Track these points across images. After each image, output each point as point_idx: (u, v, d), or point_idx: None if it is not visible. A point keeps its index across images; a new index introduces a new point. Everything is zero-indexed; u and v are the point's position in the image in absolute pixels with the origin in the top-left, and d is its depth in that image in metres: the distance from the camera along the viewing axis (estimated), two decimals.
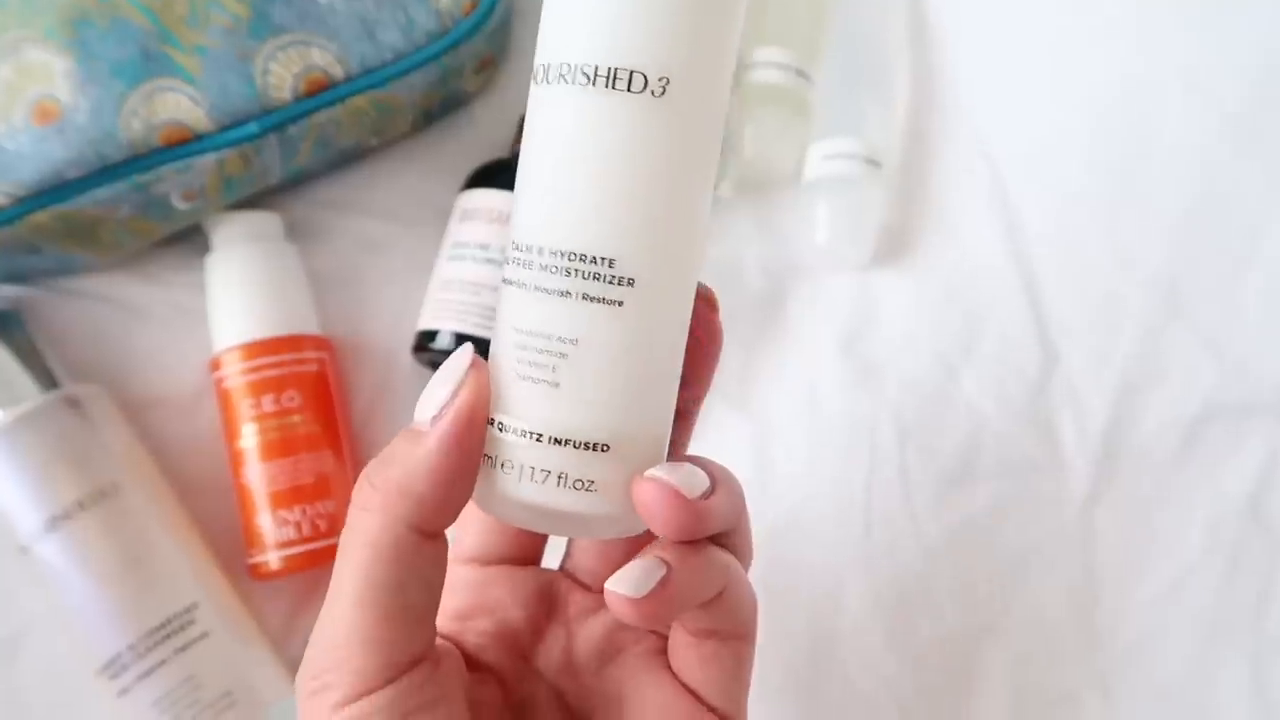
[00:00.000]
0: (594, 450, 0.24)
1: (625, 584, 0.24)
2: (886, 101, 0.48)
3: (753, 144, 0.46)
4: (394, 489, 0.23)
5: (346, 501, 0.42)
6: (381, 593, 0.23)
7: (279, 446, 0.42)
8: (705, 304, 0.26)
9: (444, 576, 0.25)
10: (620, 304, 0.24)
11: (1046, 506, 0.45)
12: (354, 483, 0.43)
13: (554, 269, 0.23)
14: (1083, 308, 0.46)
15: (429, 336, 0.43)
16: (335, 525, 0.42)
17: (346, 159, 0.46)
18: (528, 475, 0.24)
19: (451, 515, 0.24)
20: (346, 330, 0.46)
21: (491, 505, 0.25)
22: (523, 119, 0.46)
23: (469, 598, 0.29)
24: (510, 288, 0.24)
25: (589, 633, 0.30)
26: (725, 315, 0.27)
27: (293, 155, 0.43)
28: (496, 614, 0.29)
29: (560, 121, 0.23)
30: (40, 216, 0.40)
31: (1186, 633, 0.44)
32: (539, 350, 0.24)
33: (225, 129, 0.40)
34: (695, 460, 0.25)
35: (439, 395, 0.24)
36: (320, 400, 0.43)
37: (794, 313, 0.47)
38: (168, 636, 0.39)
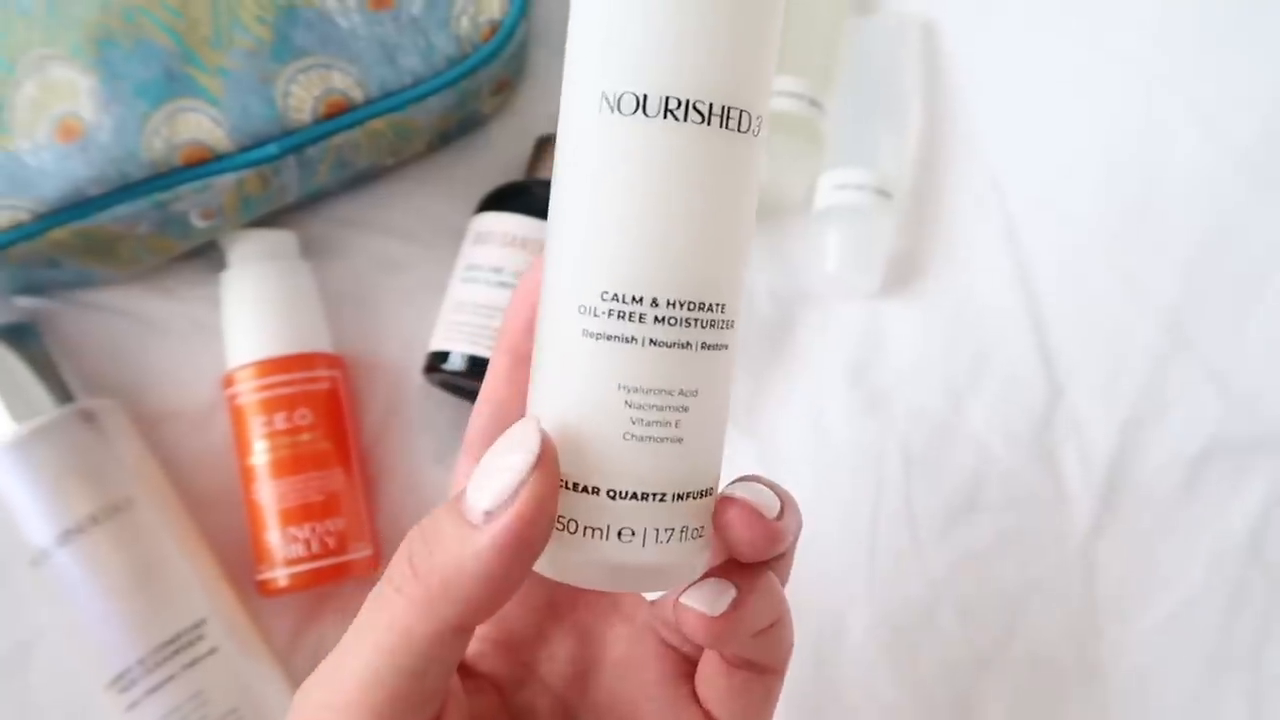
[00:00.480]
0: (706, 496, 0.23)
1: (701, 601, 0.23)
2: (898, 132, 0.48)
3: (764, 171, 0.46)
4: (437, 584, 0.21)
5: (356, 519, 0.43)
6: (400, 678, 0.22)
7: (290, 464, 0.42)
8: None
9: (460, 659, 0.24)
10: (726, 347, 0.23)
11: (1049, 539, 0.45)
12: (364, 501, 0.44)
13: (672, 320, 0.22)
14: (1089, 341, 0.47)
15: (441, 358, 0.43)
16: (344, 543, 0.42)
17: (363, 179, 0.47)
18: (650, 537, 0.22)
19: (496, 610, 0.22)
20: (359, 348, 0.46)
21: (577, 574, 0.23)
22: (540, 142, 0.47)
23: None
24: (605, 343, 0.22)
25: (604, 645, 0.29)
26: None
27: (311, 176, 0.43)
28: (499, 620, 0.28)
29: (667, 161, 0.22)
30: (60, 232, 0.40)
31: (1187, 667, 0.44)
32: (660, 408, 0.22)
33: (245, 150, 0.41)
34: (759, 480, 0.25)
35: (498, 485, 0.21)
36: (331, 418, 0.43)
37: (803, 340, 0.47)
38: (177, 652, 0.39)
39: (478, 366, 0.43)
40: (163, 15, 0.40)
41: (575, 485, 0.22)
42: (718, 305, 0.22)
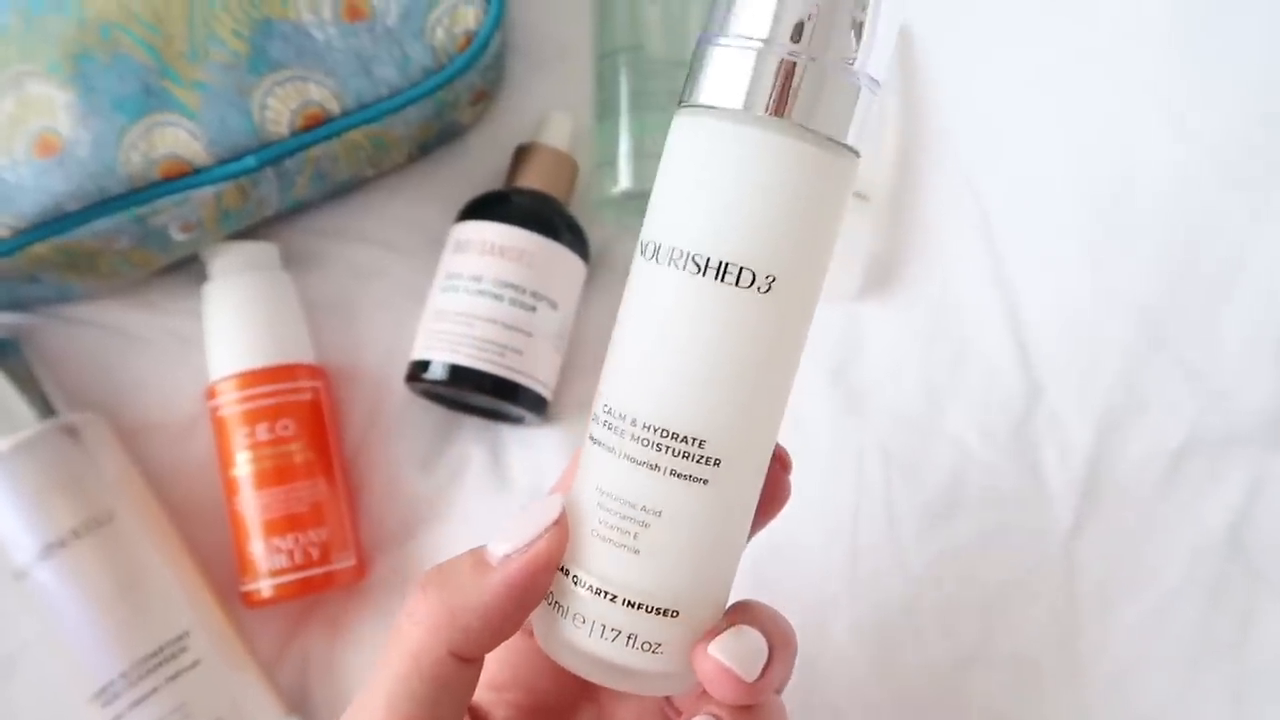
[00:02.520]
0: (665, 615, 0.25)
1: None
2: (875, 136, 0.49)
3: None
4: (445, 612, 0.24)
5: (339, 529, 0.43)
6: (413, 705, 0.24)
7: (272, 475, 0.42)
8: (779, 464, 0.27)
9: (473, 692, 0.26)
10: (705, 482, 0.24)
11: (1029, 537, 0.45)
12: (347, 510, 0.44)
13: (645, 441, 0.24)
14: (1066, 340, 0.47)
15: (422, 366, 0.44)
16: (327, 553, 0.43)
17: (343, 190, 0.47)
18: (597, 631, 0.25)
19: (493, 646, 0.25)
20: (340, 358, 0.47)
21: (553, 648, 0.26)
22: (519, 151, 0.47)
23: (506, 669, 0.30)
24: (597, 447, 0.25)
25: (618, 713, 0.30)
26: None
27: (289, 188, 0.43)
28: (532, 688, 0.30)
29: (664, 301, 0.24)
30: (40, 248, 0.40)
31: (1168, 663, 0.44)
32: (621, 515, 0.25)
33: (223, 163, 0.41)
34: (754, 615, 0.26)
35: (517, 535, 0.25)
36: (314, 429, 0.44)
37: None
38: (160, 664, 0.39)
39: (459, 374, 0.43)
40: (139, 30, 0.40)
41: (563, 569, 0.26)
42: (694, 440, 0.24)
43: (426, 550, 0.46)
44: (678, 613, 0.25)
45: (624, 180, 0.46)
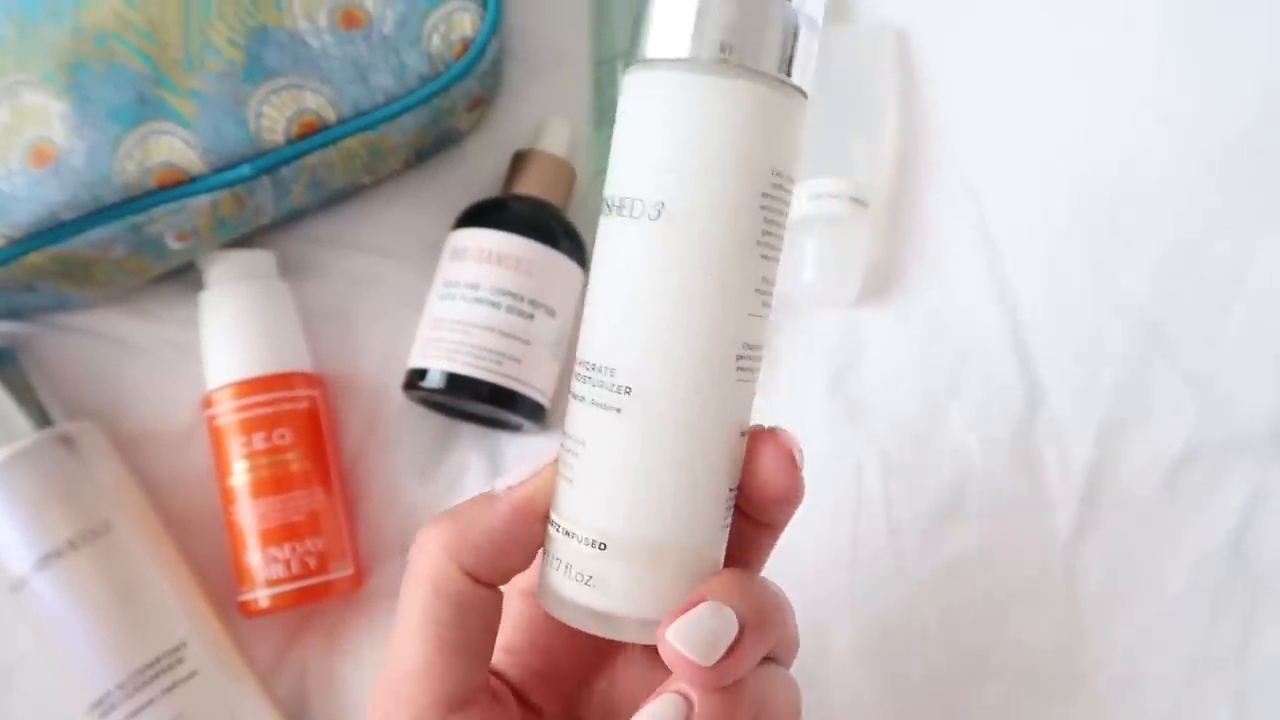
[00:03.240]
0: (595, 548, 0.25)
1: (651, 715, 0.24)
2: (873, 141, 0.48)
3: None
4: (455, 534, 0.26)
5: (336, 538, 0.43)
6: (439, 626, 0.25)
7: (269, 484, 0.42)
8: (786, 458, 0.26)
9: (499, 623, 0.27)
10: (618, 411, 0.25)
11: (1031, 545, 0.45)
12: (344, 519, 0.44)
13: (580, 376, 0.26)
14: (1067, 345, 0.47)
15: (419, 375, 0.43)
16: (325, 563, 0.42)
17: (339, 197, 0.47)
18: (554, 565, 0.26)
19: (503, 572, 0.26)
20: (338, 366, 0.46)
21: (539, 594, 0.27)
22: (516, 158, 0.47)
23: (522, 633, 0.30)
24: (569, 397, 0.27)
25: (629, 684, 0.30)
26: None
27: (285, 196, 0.43)
28: (547, 654, 0.30)
29: (597, 248, 0.26)
30: (35, 257, 0.40)
31: (1170, 671, 0.44)
32: (566, 449, 0.26)
33: (219, 171, 0.41)
34: (726, 586, 0.24)
35: (519, 472, 0.27)
36: (311, 437, 0.43)
37: (780, 350, 0.47)
38: (157, 675, 0.39)
39: (456, 383, 0.43)
40: (134, 39, 0.40)
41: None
42: (607, 369, 0.25)
43: None
44: (604, 545, 0.25)
45: None
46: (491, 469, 0.46)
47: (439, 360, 0.43)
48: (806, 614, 0.44)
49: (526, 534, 0.26)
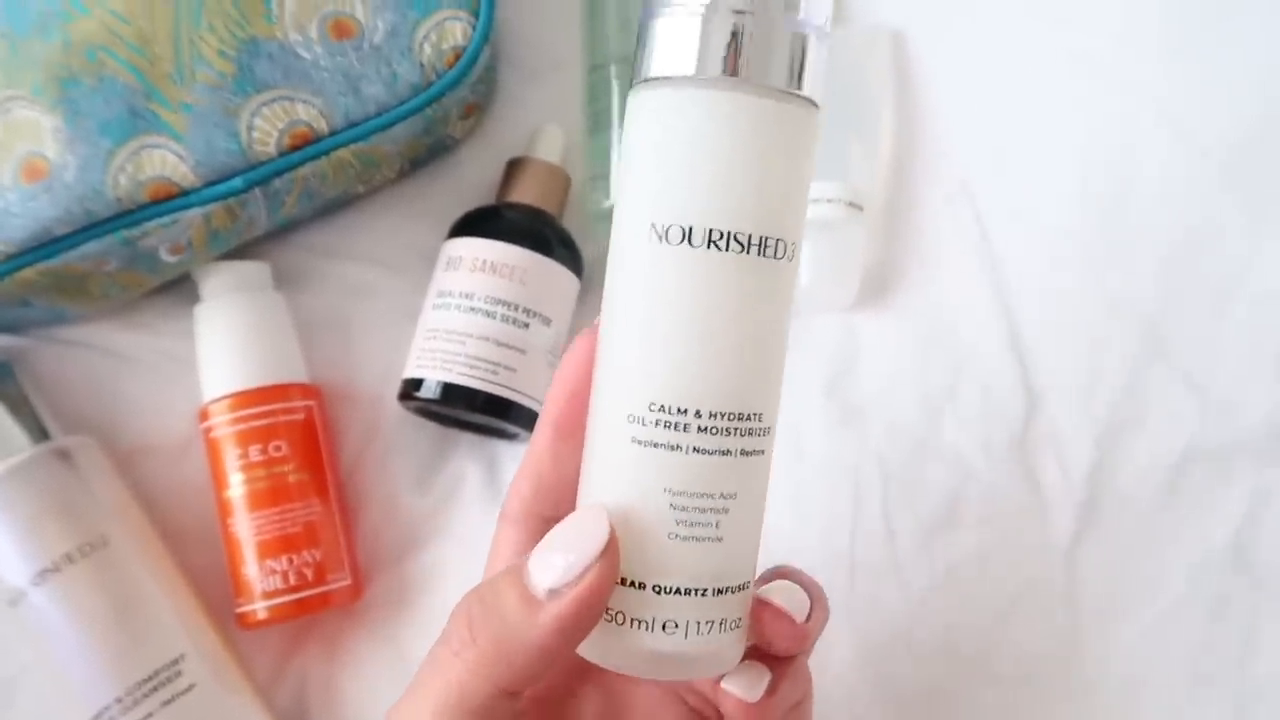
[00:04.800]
0: (743, 590, 0.26)
1: (741, 687, 0.27)
2: (869, 144, 0.48)
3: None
4: (494, 650, 0.24)
5: (334, 549, 0.43)
6: None
7: (266, 496, 0.42)
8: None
9: (513, 717, 0.25)
10: (763, 453, 0.25)
11: (1030, 551, 0.45)
12: (342, 530, 0.44)
13: (714, 430, 0.24)
14: (1065, 349, 0.46)
15: (415, 385, 0.43)
16: (322, 574, 0.42)
17: (333, 208, 0.47)
18: (692, 628, 0.24)
19: (542, 679, 0.24)
20: (333, 376, 0.46)
21: (624, 661, 0.25)
22: (510, 165, 0.47)
23: None
24: (652, 450, 0.24)
25: (630, 705, 0.31)
26: None
27: (278, 207, 0.43)
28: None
29: (710, 287, 0.24)
30: (29, 273, 0.40)
31: (1171, 677, 0.44)
32: (701, 510, 0.24)
33: (211, 184, 0.41)
34: (786, 570, 0.28)
35: (563, 564, 0.23)
36: (308, 449, 0.43)
37: None
38: (155, 689, 0.39)
39: (451, 393, 0.43)
40: (124, 52, 0.40)
41: (623, 580, 0.24)
42: (755, 415, 0.25)
43: (424, 569, 0.45)
44: (749, 583, 0.26)
45: (616, 194, 0.45)
46: (489, 478, 0.46)
47: (434, 370, 0.43)
48: None
49: (575, 645, 0.24)
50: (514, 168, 0.47)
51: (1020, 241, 0.47)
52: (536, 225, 0.45)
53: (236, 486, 0.42)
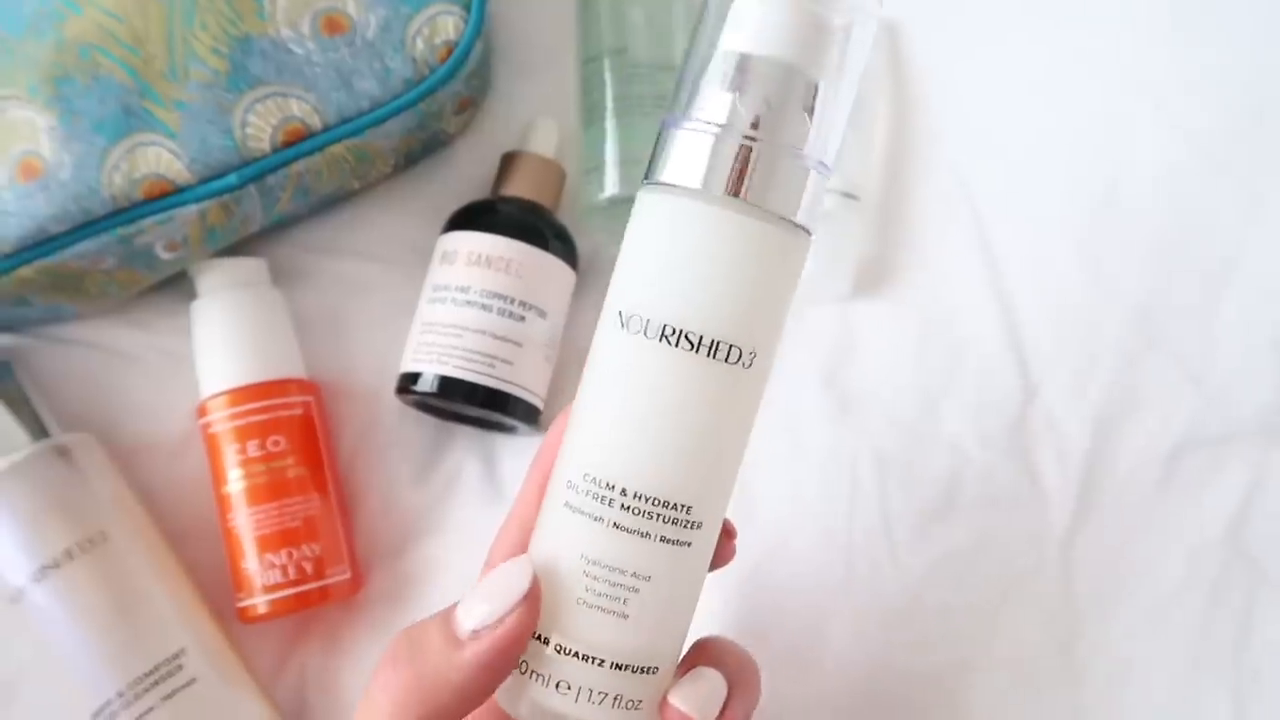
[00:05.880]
0: (648, 673, 0.26)
1: None
2: (864, 134, 0.48)
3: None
4: (415, 685, 0.25)
5: (333, 543, 0.43)
6: None
7: (265, 491, 0.42)
8: (726, 534, 0.28)
9: None
10: (689, 545, 0.26)
11: (1026, 538, 0.45)
12: (340, 524, 0.44)
13: (636, 510, 0.25)
14: (1061, 338, 0.46)
15: (412, 378, 0.44)
16: (321, 568, 0.43)
17: (328, 204, 0.47)
18: (584, 695, 0.25)
19: (463, 717, 0.25)
20: (331, 371, 0.47)
21: (527, 714, 0.26)
22: (505, 159, 0.47)
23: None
24: (578, 516, 0.26)
25: None
26: None
27: (273, 204, 0.43)
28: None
29: (654, 377, 0.25)
30: (26, 271, 0.40)
31: (1167, 663, 0.44)
32: (612, 583, 0.25)
33: (205, 181, 0.41)
34: (711, 653, 0.27)
35: (487, 610, 0.25)
36: (306, 443, 0.44)
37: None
38: (156, 683, 0.40)
39: (448, 386, 0.43)
40: (118, 51, 0.40)
41: (538, 636, 0.26)
42: (683, 506, 0.25)
43: (423, 562, 0.46)
44: (657, 669, 0.26)
45: (611, 186, 0.45)
46: (486, 471, 0.47)
47: (431, 364, 0.43)
48: (803, 608, 0.44)
49: (494, 685, 0.25)
50: (508, 162, 0.47)
51: (1015, 231, 0.47)
52: (531, 219, 0.45)
53: (235, 482, 0.43)
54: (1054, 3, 0.49)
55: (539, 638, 0.26)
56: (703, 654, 0.27)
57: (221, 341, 0.44)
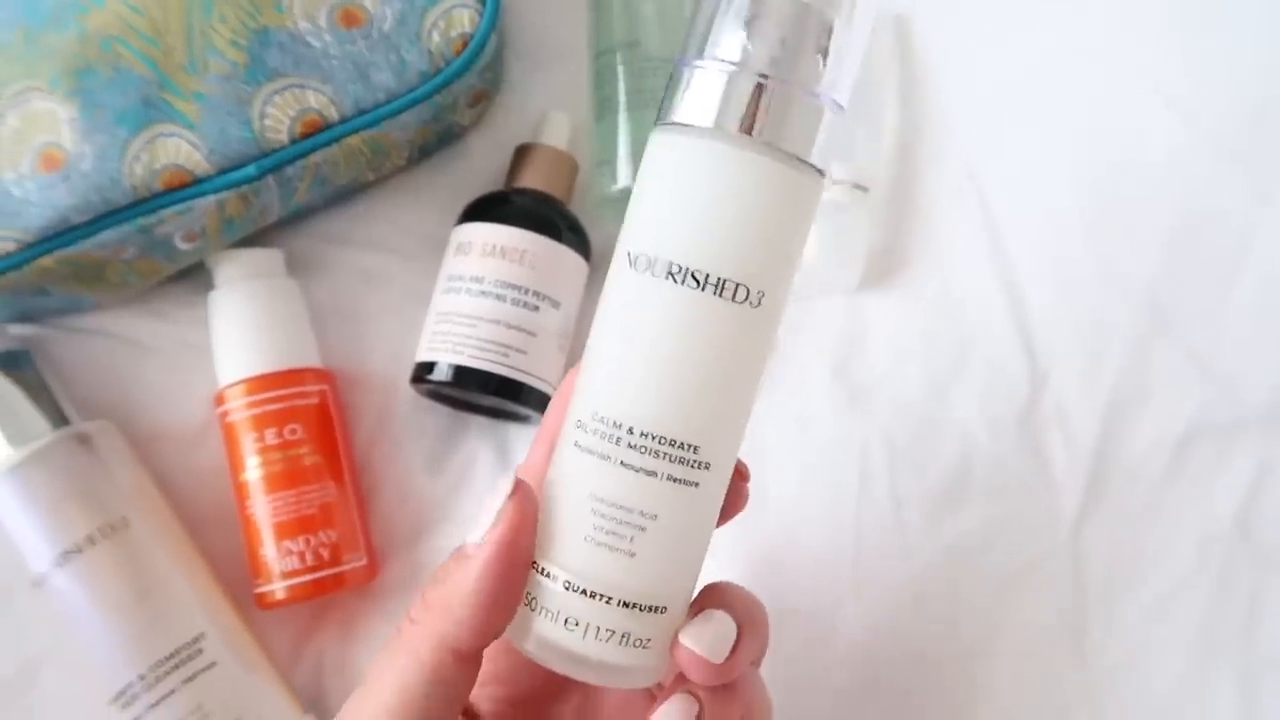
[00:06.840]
0: (656, 612, 0.26)
1: (664, 716, 0.27)
2: (873, 126, 0.49)
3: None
4: (440, 607, 0.26)
5: (350, 530, 0.44)
6: (409, 701, 0.25)
7: (283, 478, 0.43)
8: (739, 475, 0.28)
9: (469, 693, 0.27)
10: (696, 485, 0.26)
11: (1036, 527, 0.45)
12: (357, 511, 0.44)
13: (643, 449, 0.25)
14: (1070, 327, 0.47)
15: (427, 368, 0.44)
16: (338, 554, 0.43)
17: (344, 195, 0.47)
18: (591, 632, 0.26)
19: (490, 637, 0.26)
20: (347, 361, 0.47)
21: (538, 651, 0.26)
22: (519, 151, 0.47)
23: (486, 664, 0.30)
24: (587, 455, 0.26)
25: (603, 697, 0.31)
26: None
27: (291, 195, 0.44)
28: (511, 682, 0.31)
29: (660, 314, 0.25)
30: (47, 260, 0.41)
31: (1176, 651, 0.44)
32: (619, 520, 0.25)
33: (224, 172, 0.41)
34: (722, 597, 0.27)
35: (485, 522, 0.26)
36: (322, 432, 0.44)
37: (784, 336, 0.47)
38: (176, 666, 0.40)
39: (463, 375, 0.43)
40: (138, 43, 0.40)
41: (540, 569, 0.26)
42: (689, 445, 0.25)
43: (438, 550, 0.46)
44: (665, 609, 0.26)
45: (623, 178, 0.46)
46: (501, 460, 0.47)
47: (446, 353, 0.44)
48: (813, 595, 0.45)
49: (507, 593, 0.26)
50: (522, 154, 0.47)
51: (1024, 221, 0.48)
52: (545, 210, 0.45)
53: (253, 469, 0.43)
54: None
55: (547, 574, 0.26)
56: (712, 597, 0.27)
57: (239, 331, 0.44)
